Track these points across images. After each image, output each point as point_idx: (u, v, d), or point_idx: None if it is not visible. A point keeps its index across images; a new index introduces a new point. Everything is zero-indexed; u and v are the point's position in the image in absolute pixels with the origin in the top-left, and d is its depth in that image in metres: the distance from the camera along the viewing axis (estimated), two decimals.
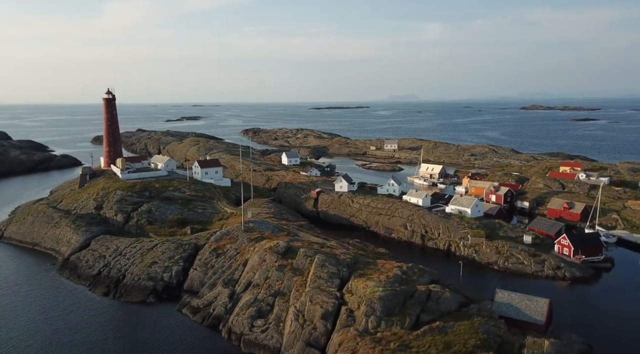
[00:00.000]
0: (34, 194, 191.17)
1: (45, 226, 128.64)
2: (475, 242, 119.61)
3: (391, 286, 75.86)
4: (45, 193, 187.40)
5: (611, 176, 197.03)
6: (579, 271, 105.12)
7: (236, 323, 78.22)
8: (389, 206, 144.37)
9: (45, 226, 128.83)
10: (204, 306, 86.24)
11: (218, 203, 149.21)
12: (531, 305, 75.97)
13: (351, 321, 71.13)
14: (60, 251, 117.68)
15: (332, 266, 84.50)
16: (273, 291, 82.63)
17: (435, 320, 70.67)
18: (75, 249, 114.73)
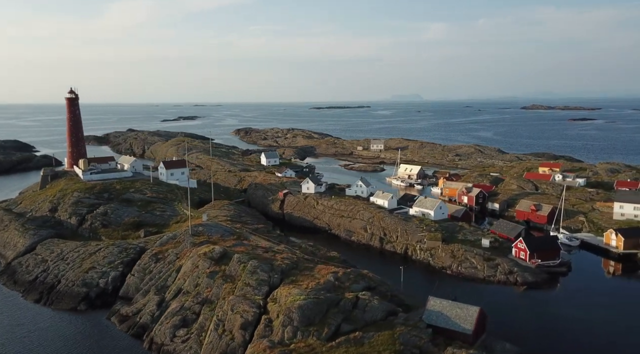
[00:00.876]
0: (3, 195, 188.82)
1: None
2: (432, 245, 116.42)
3: (316, 294, 72.82)
4: (14, 194, 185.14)
5: (589, 177, 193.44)
6: (531, 276, 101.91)
7: (159, 333, 75.37)
8: (351, 208, 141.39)
9: None
10: (132, 314, 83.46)
11: (178, 205, 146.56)
12: (461, 313, 72.72)
13: (269, 331, 68.19)
14: (5, 255, 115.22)
15: (264, 273, 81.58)
16: (201, 298, 79.76)
17: (357, 330, 67.63)
18: (20, 253, 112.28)
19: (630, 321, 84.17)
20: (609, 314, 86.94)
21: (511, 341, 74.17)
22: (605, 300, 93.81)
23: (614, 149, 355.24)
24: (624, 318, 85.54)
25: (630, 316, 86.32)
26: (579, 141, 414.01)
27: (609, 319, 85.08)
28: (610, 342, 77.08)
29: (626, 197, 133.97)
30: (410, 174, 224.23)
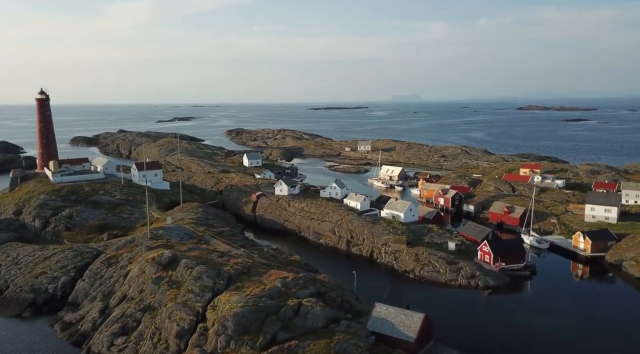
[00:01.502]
0: None
1: None
2: (396, 248, 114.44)
3: (256, 301, 70.77)
4: None
5: (569, 178, 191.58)
6: (493, 280, 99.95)
7: (97, 341, 73.26)
8: (321, 211, 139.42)
9: None
10: (75, 322, 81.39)
11: (148, 208, 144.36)
12: (405, 321, 70.72)
13: (203, 340, 66.20)
14: None
15: (209, 279, 79.51)
16: (143, 305, 77.68)
17: (294, 338, 65.71)
18: None
19: (590, 326, 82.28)
20: (569, 319, 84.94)
21: (462, 348, 72.49)
22: (567, 304, 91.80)
23: (602, 150, 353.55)
24: (584, 322, 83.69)
25: (590, 320, 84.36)
26: (568, 142, 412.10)
27: (569, 324, 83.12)
28: (567, 348, 75.10)
29: (597, 200, 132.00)
30: (391, 176, 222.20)
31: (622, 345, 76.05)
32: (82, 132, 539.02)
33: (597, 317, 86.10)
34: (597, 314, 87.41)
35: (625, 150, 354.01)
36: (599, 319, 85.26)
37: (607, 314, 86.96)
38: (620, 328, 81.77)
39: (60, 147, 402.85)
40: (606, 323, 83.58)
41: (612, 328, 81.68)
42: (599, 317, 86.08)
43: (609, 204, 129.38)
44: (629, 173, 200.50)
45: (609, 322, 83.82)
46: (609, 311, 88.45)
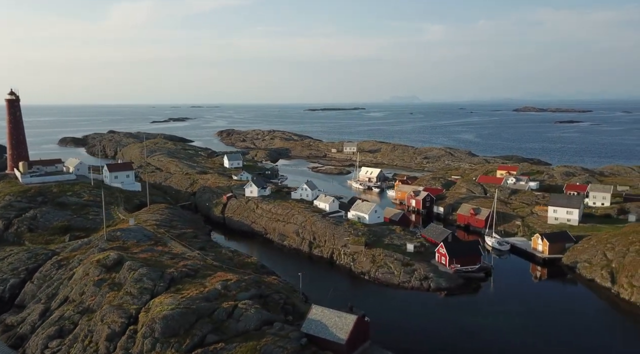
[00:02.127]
0: None
1: None
2: (355, 250, 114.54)
3: (189, 303, 70.77)
4: None
5: (544, 180, 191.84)
6: (445, 282, 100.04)
7: (32, 344, 73.10)
8: (286, 212, 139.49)
9: None
10: (17, 324, 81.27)
11: (115, 209, 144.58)
12: (339, 322, 70.74)
13: (131, 343, 66.12)
14: None
15: (150, 281, 79.51)
16: (82, 308, 77.51)
17: (223, 341, 65.72)
18: None
19: (537, 328, 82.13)
20: (514, 321, 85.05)
21: (400, 350, 72.89)
22: (515, 306, 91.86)
23: (587, 152, 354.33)
24: (531, 324, 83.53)
25: (537, 323, 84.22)
26: (556, 144, 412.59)
27: (513, 325, 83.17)
28: (508, 349, 75.16)
29: (559, 202, 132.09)
30: (370, 177, 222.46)
31: (563, 349, 76.08)
32: (73, 133, 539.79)
33: (544, 319, 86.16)
34: (543, 316, 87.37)
35: (610, 152, 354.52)
36: (544, 321, 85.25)
37: (553, 317, 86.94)
38: (562, 331, 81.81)
39: (49, 148, 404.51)
40: (550, 325, 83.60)
41: (554, 330, 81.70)
42: (544, 319, 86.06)
43: (570, 206, 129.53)
44: (604, 175, 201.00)
45: (553, 324, 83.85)
46: (556, 313, 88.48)
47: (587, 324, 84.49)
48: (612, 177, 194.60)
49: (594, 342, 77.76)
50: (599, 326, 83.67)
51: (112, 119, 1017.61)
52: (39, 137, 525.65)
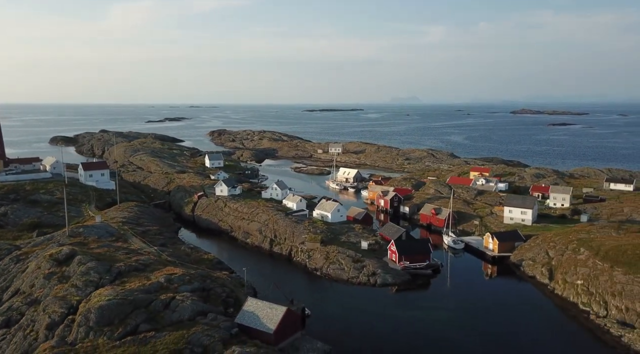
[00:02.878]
0: None
1: None
2: (311, 247, 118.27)
3: (126, 295, 74.42)
4: None
5: (514, 181, 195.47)
6: (392, 278, 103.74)
7: None
8: (252, 211, 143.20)
9: None
10: None
11: (85, 207, 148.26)
12: (270, 314, 74.50)
13: (68, 331, 69.80)
14: None
15: (96, 274, 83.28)
16: (30, 299, 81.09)
17: (155, 329, 69.35)
18: None
19: (469, 321, 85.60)
20: (451, 315, 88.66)
21: (333, 341, 76.52)
22: (455, 302, 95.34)
23: (570, 154, 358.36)
24: (465, 317, 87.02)
25: (471, 316, 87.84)
26: (542, 146, 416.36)
27: (448, 319, 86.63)
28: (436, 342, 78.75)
29: (514, 202, 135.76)
30: (347, 178, 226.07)
31: (488, 339, 79.67)
32: (67, 132, 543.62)
33: (477, 313, 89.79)
34: (478, 310, 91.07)
35: (592, 155, 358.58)
36: (478, 314, 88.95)
37: (488, 311, 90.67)
38: (493, 324, 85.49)
39: (39, 146, 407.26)
40: (483, 318, 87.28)
41: (485, 323, 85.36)
42: (479, 313, 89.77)
43: (525, 206, 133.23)
44: (574, 177, 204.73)
45: (486, 318, 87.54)
46: (491, 308, 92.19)
47: (518, 318, 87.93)
48: (580, 179, 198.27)
49: (521, 334, 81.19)
50: (529, 320, 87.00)
51: (108, 118, 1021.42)
52: (31, 135, 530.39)
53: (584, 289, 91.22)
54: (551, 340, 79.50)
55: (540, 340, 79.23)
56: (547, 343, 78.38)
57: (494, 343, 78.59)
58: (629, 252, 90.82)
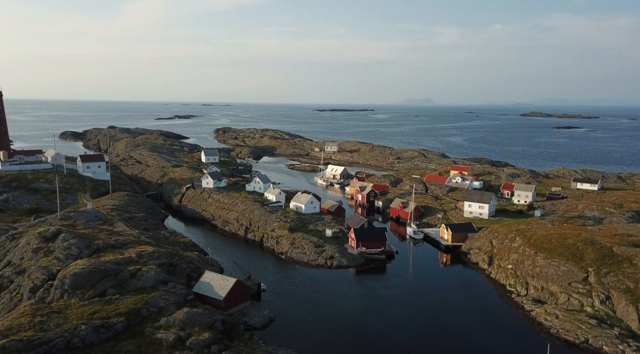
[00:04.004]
0: None
1: None
2: (280, 234, 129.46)
3: (98, 265, 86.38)
4: None
5: (490, 180, 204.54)
6: (347, 261, 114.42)
7: None
8: (232, 201, 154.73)
9: None
10: None
11: (81, 195, 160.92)
12: (222, 284, 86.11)
13: (46, 293, 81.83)
14: None
15: (77, 249, 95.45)
16: (19, 269, 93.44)
17: (120, 294, 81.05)
18: None
19: (409, 300, 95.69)
20: (391, 292, 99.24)
21: (281, 309, 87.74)
22: (400, 282, 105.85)
23: (561, 157, 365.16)
24: (406, 297, 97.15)
25: (409, 293, 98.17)
26: (537, 148, 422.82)
27: (391, 297, 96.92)
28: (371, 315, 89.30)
29: (473, 197, 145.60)
30: (334, 175, 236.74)
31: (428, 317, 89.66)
32: (77, 127, 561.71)
33: (414, 291, 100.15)
34: (417, 289, 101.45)
35: (583, 157, 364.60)
36: (414, 293, 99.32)
37: (424, 290, 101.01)
38: (434, 304, 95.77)
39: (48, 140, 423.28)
40: (418, 296, 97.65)
41: (426, 304, 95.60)
42: (416, 292, 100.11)
43: (482, 201, 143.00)
44: (549, 177, 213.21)
45: (421, 295, 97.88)
46: (435, 291, 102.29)
47: (455, 297, 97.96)
48: (554, 179, 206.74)
49: (454, 311, 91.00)
50: (464, 299, 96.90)
51: (119, 115, 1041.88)
52: (42, 130, 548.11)
53: (512, 272, 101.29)
54: (476, 315, 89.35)
55: (467, 315, 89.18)
56: (472, 317, 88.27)
57: (430, 317, 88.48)
58: (553, 241, 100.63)
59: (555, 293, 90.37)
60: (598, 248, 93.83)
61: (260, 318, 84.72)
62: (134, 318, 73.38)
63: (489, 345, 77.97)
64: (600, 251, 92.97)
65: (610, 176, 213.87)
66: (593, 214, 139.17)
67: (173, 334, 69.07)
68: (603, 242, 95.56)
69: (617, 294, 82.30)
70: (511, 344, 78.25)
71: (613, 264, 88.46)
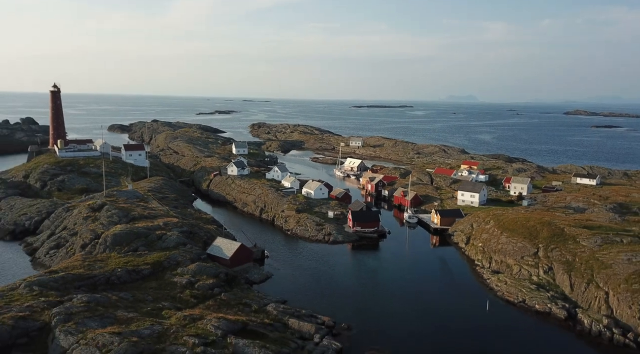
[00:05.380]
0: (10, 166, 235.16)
1: None
2: (288, 214, 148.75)
3: (132, 229, 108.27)
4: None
5: (497, 174, 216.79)
6: (342, 238, 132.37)
7: (40, 251, 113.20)
8: (251, 187, 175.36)
9: None
10: (34, 243, 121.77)
11: (123, 179, 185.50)
12: (229, 247, 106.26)
13: (93, 248, 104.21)
14: None
15: (117, 217, 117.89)
16: (73, 232, 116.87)
17: (148, 251, 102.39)
18: None
19: (392, 270, 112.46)
20: (375, 262, 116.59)
21: (276, 271, 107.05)
22: (389, 255, 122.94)
23: (585, 155, 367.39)
24: (391, 269, 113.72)
25: (396, 267, 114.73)
26: (564, 146, 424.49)
27: (376, 268, 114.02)
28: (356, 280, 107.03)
29: (465, 187, 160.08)
30: (352, 167, 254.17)
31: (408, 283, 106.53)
32: (124, 121, 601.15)
33: (404, 267, 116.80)
34: (406, 265, 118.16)
35: (606, 156, 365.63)
36: (405, 268, 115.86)
37: (413, 266, 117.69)
38: (413, 274, 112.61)
39: (98, 132, 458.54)
40: (406, 271, 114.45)
41: (408, 274, 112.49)
42: (406, 267, 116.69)
43: (473, 191, 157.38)
44: (555, 173, 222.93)
45: (409, 271, 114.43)
46: (416, 264, 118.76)
47: (432, 269, 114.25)
48: (559, 175, 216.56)
49: (429, 280, 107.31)
50: (439, 272, 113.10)
51: (163, 109, 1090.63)
52: (93, 123, 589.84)
53: (481, 249, 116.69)
54: (443, 282, 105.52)
55: (436, 282, 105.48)
56: (440, 283, 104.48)
57: (406, 282, 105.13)
58: (517, 223, 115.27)
59: (510, 265, 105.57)
60: (552, 229, 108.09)
61: (258, 275, 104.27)
62: (157, 267, 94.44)
63: (444, 303, 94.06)
64: (553, 231, 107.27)
65: (617, 173, 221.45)
66: (578, 204, 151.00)
67: (186, 279, 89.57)
68: (558, 224, 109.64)
69: (557, 265, 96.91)
70: (461, 302, 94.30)
71: (560, 242, 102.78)
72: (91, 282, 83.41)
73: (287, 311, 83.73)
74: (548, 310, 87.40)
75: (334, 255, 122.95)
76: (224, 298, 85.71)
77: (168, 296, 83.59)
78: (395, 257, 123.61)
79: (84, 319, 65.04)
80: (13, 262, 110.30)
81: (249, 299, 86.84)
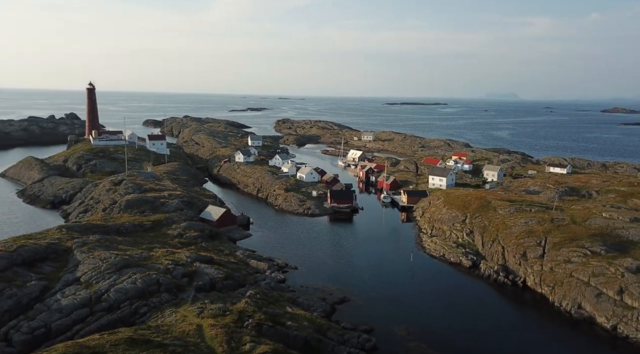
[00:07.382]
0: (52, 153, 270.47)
1: (27, 169, 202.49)
2: (278, 193, 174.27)
3: (141, 197, 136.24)
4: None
5: (483, 164, 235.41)
6: (319, 211, 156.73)
7: (72, 214, 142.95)
8: (252, 171, 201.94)
9: (27, 169, 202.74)
10: (67, 209, 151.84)
11: (145, 164, 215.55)
12: (217, 212, 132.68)
13: (111, 211, 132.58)
14: (26, 182, 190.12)
15: (132, 189, 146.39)
16: (98, 201, 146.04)
17: (152, 213, 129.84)
18: (34, 181, 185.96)
19: (356, 235, 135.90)
20: (346, 231, 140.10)
21: (256, 233, 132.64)
22: (358, 227, 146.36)
23: (593, 151, 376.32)
24: (355, 235, 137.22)
25: (360, 233, 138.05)
26: (579, 143, 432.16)
27: (342, 233, 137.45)
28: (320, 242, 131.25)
29: (435, 172, 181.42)
30: (354, 158, 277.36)
31: (363, 243, 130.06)
32: (158, 116, 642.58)
33: (366, 232, 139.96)
34: (369, 231, 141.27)
35: (613, 151, 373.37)
36: (366, 234, 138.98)
37: (373, 232, 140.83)
38: (370, 237, 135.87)
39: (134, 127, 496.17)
40: (368, 236, 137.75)
41: (368, 238, 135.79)
42: (367, 233, 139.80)
43: (442, 176, 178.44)
44: (538, 164, 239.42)
45: (369, 235, 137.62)
46: (376, 230, 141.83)
47: (388, 236, 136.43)
48: (540, 165, 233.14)
49: (382, 243, 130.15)
50: (394, 238, 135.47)
51: (198, 106, 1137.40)
52: (130, 118, 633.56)
53: (427, 220, 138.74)
54: (390, 245, 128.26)
55: (385, 244, 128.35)
56: (387, 245, 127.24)
57: (361, 244, 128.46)
58: (459, 199, 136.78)
59: (444, 231, 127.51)
60: (482, 202, 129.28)
61: (239, 235, 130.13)
62: (157, 224, 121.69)
63: (379, 256, 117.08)
64: (481, 203, 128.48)
65: (595, 164, 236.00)
66: (535, 188, 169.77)
67: (177, 231, 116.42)
68: (488, 199, 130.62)
69: (476, 229, 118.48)
70: (395, 257, 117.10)
71: (483, 211, 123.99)
72: (105, 229, 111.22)
73: (251, 255, 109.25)
74: (459, 261, 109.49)
75: (309, 224, 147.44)
76: (204, 245, 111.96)
77: (161, 242, 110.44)
78: (361, 227, 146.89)
79: (95, 246, 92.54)
80: (52, 223, 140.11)
81: (223, 247, 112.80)
